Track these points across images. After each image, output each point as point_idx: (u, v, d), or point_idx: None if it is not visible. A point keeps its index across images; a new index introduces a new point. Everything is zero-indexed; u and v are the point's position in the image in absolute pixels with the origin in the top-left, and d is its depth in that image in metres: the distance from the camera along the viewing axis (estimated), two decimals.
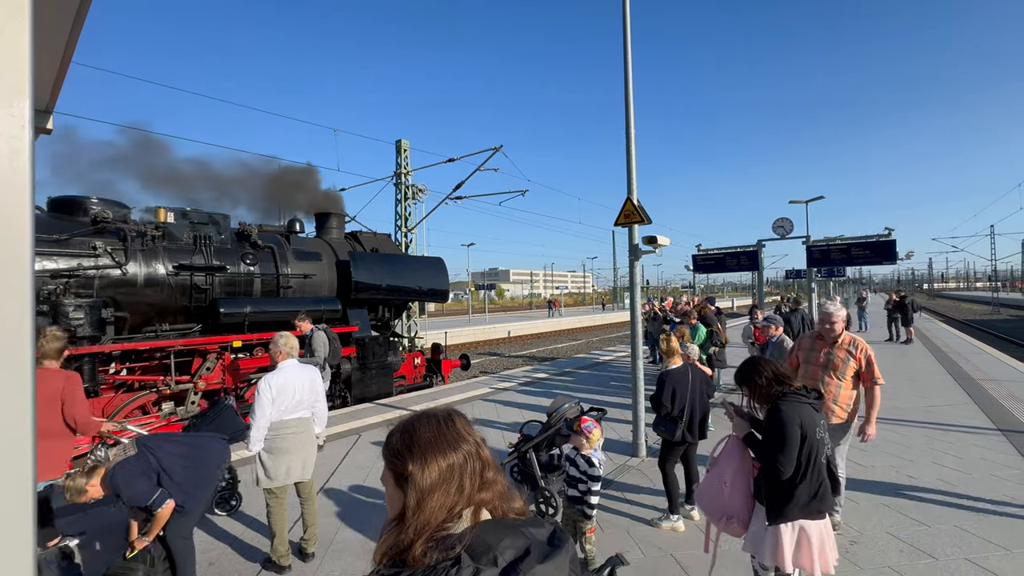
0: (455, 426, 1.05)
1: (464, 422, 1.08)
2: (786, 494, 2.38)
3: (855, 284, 46.07)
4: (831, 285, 30.08)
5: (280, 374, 3.67)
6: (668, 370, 4.27)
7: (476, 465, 1.01)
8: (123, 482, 2.84)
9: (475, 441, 1.05)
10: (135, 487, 2.85)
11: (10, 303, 0.86)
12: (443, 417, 1.06)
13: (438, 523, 0.95)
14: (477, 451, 1.04)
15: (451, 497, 0.97)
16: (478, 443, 1.05)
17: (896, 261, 12.98)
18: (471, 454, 1.02)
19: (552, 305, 46.75)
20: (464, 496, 0.98)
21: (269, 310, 8.00)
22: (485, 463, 1.03)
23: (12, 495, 0.87)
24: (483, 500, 1.00)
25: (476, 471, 1.01)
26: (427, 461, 0.98)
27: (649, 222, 5.84)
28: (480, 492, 1.00)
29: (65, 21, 1.49)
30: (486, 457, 1.05)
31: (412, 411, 1.15)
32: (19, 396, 0.85)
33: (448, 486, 0.97)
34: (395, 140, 15.66)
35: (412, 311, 15.52)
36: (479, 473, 1.01)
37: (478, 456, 1.03)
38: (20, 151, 0.89)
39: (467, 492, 0.98)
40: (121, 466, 2.87)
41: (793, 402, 2.44)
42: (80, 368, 6.09)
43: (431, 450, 1.00)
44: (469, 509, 0.98)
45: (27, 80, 0.89)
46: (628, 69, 5.97)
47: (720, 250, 15.65)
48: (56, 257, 6.22)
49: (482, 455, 1.04)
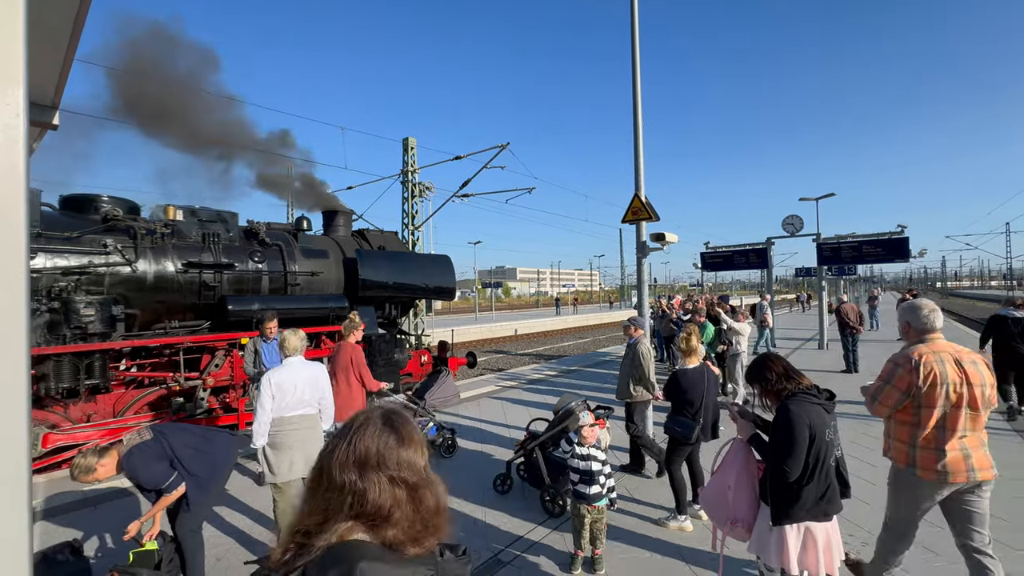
0: (374, 448, 0.98)
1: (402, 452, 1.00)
2: (793, 495, 2.34)
3: (866, 282, 45.52)
4: (841, 283, 29.71)
5: (282, 371, 3.69)
6: (684, 369, 4.20)
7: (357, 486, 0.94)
8: (140, 464, 2.89)
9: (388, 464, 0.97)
10: (151, 468, 2.91)
11: (6, 293, 0.85)
12: (382, 435, 1.01)
13: (304, 527, 0.94)
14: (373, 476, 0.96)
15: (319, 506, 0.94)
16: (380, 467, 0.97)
17: (909, 259, 12.79)
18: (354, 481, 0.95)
19: (560, 303, 46.60)
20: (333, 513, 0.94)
21: (277, 308, 8.04)
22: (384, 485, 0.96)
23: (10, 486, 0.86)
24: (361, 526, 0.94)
25: (356, 493, 0.94)
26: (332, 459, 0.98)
27: (657, 219, 5.80)
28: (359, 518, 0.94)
29: (67, 11, 1.48)
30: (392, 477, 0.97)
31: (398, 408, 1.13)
32: (15, 385, 0.84)
33: (322, 493, 0.95)
34: (402, 138, 15.68)
35: (419, 309, 15.55)
36: (358, 495, 0.94)
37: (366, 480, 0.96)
38: (15, 139, 0.88)
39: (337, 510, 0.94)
40: (138, 448, 2.92)
41: (802, 402, 2.39)
42: (91, 364, 6.17)
43: (333, 454, 0.98)
44: (344, 525, 0.93)
45: (21, 69, 0.88)
46: (636, 65, 5.91)
47: (729, 248, 15.53)
48: (67, 254, 6.29)
49: (359, 490, 0.94)
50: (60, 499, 4.69)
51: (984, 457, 2.74)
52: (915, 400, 2.73)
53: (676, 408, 4.16)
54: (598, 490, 3.44)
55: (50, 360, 5.84)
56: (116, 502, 4.63)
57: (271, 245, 8.51)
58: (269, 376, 3.65)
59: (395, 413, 1.07)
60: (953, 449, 2.67)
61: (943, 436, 2.69)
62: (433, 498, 1.01)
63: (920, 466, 2.73)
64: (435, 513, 1.01)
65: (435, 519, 1.00)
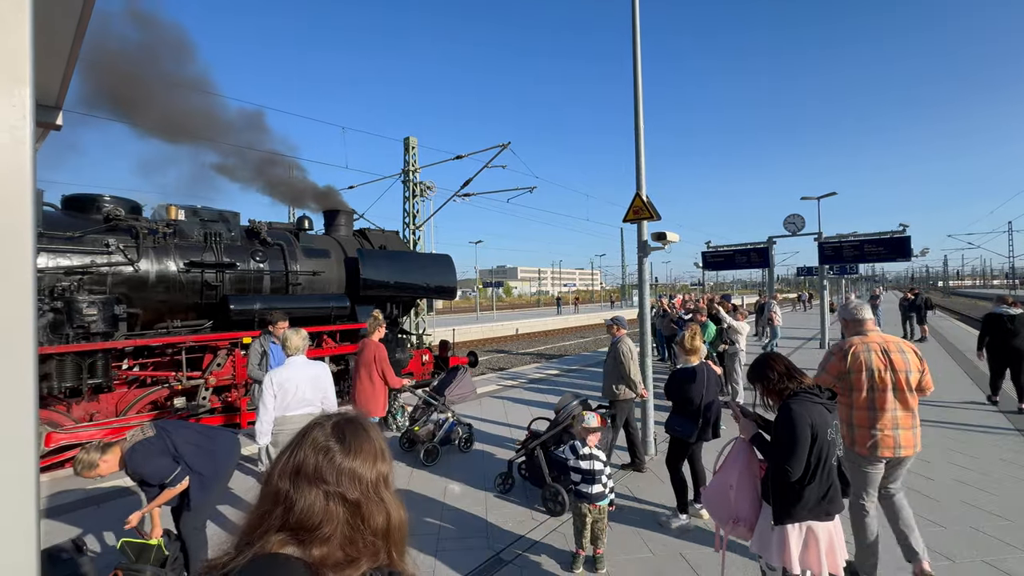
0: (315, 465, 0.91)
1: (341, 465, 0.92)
2: (794, 495, 2.34)
3: (868, 281, 45.43)
4: (843, 282, 29.65)
5: (284, 370, 3.72)
6: (684, 367, 4.19)
7: (288, 499, 0.89)
8: (142, 459, 2.89)
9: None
10: (154, 463, 2.92)
11: (12, 295, 0.86)
12: (336, 450, 0.94)
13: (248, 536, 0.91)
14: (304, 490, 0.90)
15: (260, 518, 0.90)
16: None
17: (911, 258, 12.77)
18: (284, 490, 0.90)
19: (561, 302, 46.59)
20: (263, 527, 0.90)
21: (279, 307, 8.05)
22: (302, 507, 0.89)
23: (16, 484, 0.87)
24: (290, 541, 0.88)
25: (283, 506, 0.89)
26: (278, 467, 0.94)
27: (658, 218, 5.79)
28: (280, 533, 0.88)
29: (71, 10, 1.49)
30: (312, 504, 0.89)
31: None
32: (21, 385, 0.85)
33: (262, 500, 0.92)
34: (403, 137, 15.68)
35: (420, 308, 15.56)
36: (283, 511, 0.89)
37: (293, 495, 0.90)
38: (22, 141, 0.88)
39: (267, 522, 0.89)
40: (141, 444, 2.93)
41: (804, 401, 2.39)
42: (94, 364, 6.19)
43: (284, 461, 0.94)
44: (276, 536, 0.88)
45: (28, 70, 0.88)
46: (637, 65, 5.90)
47: (730, 247, 15.51)
48: (70, 254, 6.31)
49: (291, 503, 0.89)
50: (63, 498, 4.71)
51: (911, 437, 3.07)
52: (846, 384, 3.17)
53: (676, 407, 4.16)
54: (600, 490, 3.44)
55: (53, 359, 5.86)
56: (119, 501, 4.65)
57: (273, 245, 8.53)
58: (271, 375, 3.66)
59: (349, 422, 0.99)
60: (883, 428, 3.04)
61: (873, 416, 3.07)
62: (382, 518, 0.91)
63: (857, 443, 3.13)
64: (383, 534, 0.91)
65: (383, 541, 0.91)
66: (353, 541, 0.88)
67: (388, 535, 0.92)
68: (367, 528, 0.89)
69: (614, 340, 5.47)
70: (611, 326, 5.56)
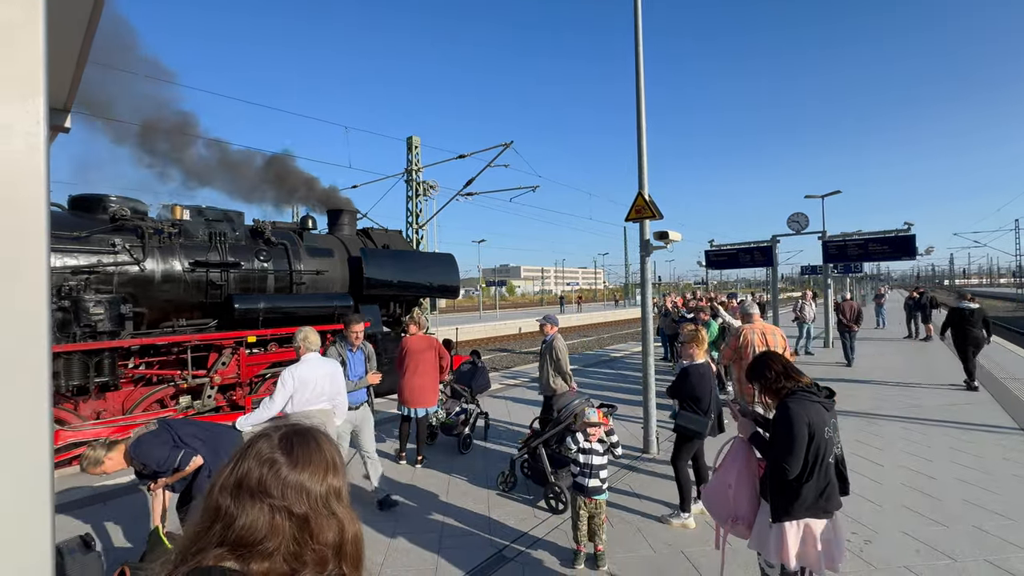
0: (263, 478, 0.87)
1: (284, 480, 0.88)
2: (792, 492, 2.36)
3: (872, 280, 45.20)
4: (847, 281, 29.52)
5: (303, 366, 3.77)
6: (695, 364, 4.20)
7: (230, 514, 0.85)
8: (146, 451, 2.95)
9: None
10: (159, 452, 2.97)
11: (28, 294, 0.88)
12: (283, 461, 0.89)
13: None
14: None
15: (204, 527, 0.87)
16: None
17: (915, 256, 12.70)
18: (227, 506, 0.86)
19: (564, 301, 46.54)
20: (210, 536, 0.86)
21: (282, 306, 8.10)
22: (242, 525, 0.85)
23: (32, 480, 0.89)
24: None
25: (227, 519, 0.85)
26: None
27: (661, 217, 5.79)
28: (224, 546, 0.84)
29: (80, 17, 1.51)
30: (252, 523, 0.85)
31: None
32: (37, 382, 0.87)
33: (203, 511, 0.89)
34: (406, 137, 15.72)
35: (423, 307, 15.61)
36: (227, 523, 0.85)
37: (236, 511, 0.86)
38: (36, 146, 0.91)
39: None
40: (144, 438, 2.99)
41: (802, 400, 2.40)
42: (100, 362, 6.25)
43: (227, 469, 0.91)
44: (216, 550, 0.84)
45: (42, 77, 0.91)
46: (639, 65, 5.90)
47: (733, 246, 15.45)
48: (76, 254, 6.37)
49: (235, 521, 0.84)
50: (71, 494, 4.77)
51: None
52: (739, 355, 5.55)
53: (687, 405, 4.15)
54: (597, 484, 3.47)
55: (61, 358, 5.92)
56: (126, 498, 4.70)
57: (276, 244, 8.57)
58: (291, 371, 3.70)
59: (298, 433, 0.94)
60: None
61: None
62: (333, 533, 0.87)
63: (744, 393, 5.16)
64: (335, 550, 0.87)
65: (335, 556, 0.87)
66: (298, 556, 0.85)
67: (340, 550, 0.88)
68: (316, 543, 0.86)
69: (547, 338, 5.73)
70: (543, 325, 5.81)
